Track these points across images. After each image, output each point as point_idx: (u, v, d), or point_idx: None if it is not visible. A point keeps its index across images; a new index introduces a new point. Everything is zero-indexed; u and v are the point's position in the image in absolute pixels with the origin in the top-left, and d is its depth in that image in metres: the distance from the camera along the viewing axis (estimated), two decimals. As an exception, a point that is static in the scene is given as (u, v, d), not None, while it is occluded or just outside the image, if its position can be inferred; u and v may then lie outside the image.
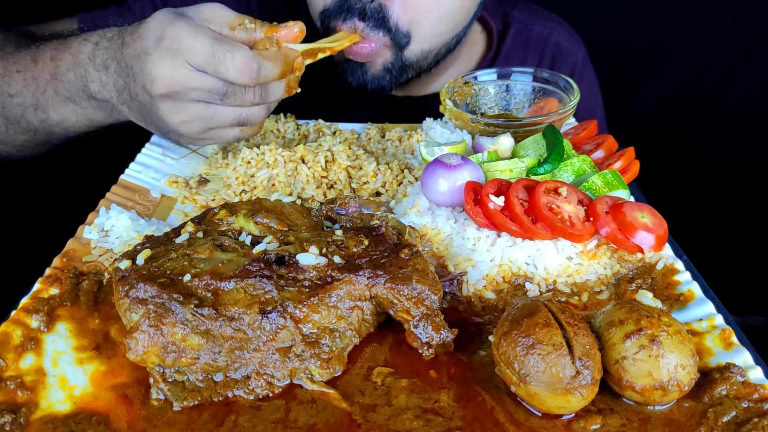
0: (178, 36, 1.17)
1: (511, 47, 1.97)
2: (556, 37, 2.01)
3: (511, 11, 2.01)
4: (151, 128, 1.35)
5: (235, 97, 1.24)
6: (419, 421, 0.84)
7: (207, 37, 1.18)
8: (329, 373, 0.91)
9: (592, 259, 1.11)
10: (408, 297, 0.95)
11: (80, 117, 1.39)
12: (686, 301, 1.03)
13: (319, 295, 0.92)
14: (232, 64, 1.18)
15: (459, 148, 1.32)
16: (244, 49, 1.20)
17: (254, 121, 1.32)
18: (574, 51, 2.03)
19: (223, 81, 1.21)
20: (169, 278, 0.93)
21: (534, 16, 2.03)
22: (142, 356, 0.88)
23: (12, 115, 1.42)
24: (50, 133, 1.45)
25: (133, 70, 1.24)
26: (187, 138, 1.33)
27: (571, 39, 2.05)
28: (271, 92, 1.29)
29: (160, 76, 1.19)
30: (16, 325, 0.97)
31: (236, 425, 0.84)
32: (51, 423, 0.84)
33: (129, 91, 1.27)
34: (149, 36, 1.20)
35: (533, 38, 2.00)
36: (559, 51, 2.01)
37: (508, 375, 0.84)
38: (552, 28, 2.01)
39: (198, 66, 1.19)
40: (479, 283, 1.09)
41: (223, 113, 1.27)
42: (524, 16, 2.01)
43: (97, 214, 1.24)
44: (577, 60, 2.03)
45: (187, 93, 1.22)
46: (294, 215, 1.14)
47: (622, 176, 1.22)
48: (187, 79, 1.19)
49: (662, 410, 0.85)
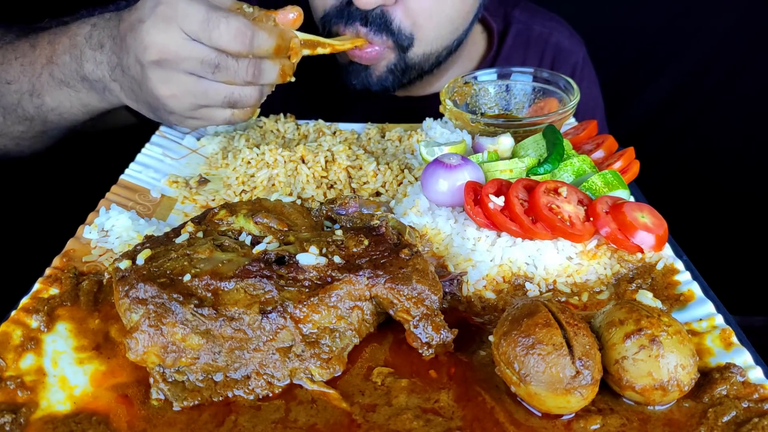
0: (174, 3, 1.19)
1: (512, 47, 1.98)
2: (557, 37, 2.01)
3: (511, 11, 2.01)
4: (142, 107, 1.35)
5: (228, 71, 1.24)
6: (419, 421, 0.84)
7: (203, 5, 1.19)
8: (329, 373, 0.91)
9: (592, 259, 1.11)
10: (408, 297, 0.95)
11: (74, 101, 1.40)
12: (686, 301, 1.03)
13: (319, 295, 0.92)
14: (226, 29, 1.18)
15: (459, 148, 1.32)
16: (239, 17, 1.21)
17: (246, 103, 1.31)
18: (575, 51, 2.04)
19: (216, 52, 1.21)
20: (169, 278, 0.93)
21: (535, 16, 2.03)
22: (142, 356, 0.88)
23: (9, 103, 1.43)
24: (46, 120, 1.45)
25: (126, 42, 1.24)
26: (177, 116, 1.33)
27: (572, 39, 2.05)
28: (264, 72, 1.28)
29: (152, 43, 1.20)
30: (16, 325, 0.97)
31: (236, 425, 0.84)
32: (51, 423, 0.84)
33: (122, 65, 1.28)
34: (145, 5, 1.22)
35: (534, 38, 2.00)
36: (559, 51, 2.01)
37: (508, 375, 0.84)
38: (552, 28, 2.02)
39: (192, 34, 1.19)
40: (479, 283, 1.09)
41: (215, 90, 1.27)
42: (525, 16, 2.01)
43: (97, 214, 1.24)
44: (578, 60, 2.04)
45: (178, 62, 1.22)
46: (294, 215, 1.14)
47: (622, 176, 1.22)
48: (179, 47, 1.20)
49: (662, 410, 0.85)
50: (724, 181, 2.72)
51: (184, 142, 1.54)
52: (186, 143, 1.54)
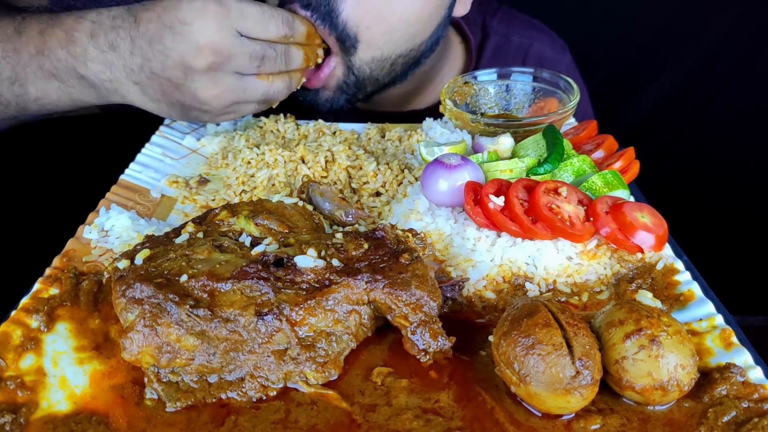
0: (226, 2, 1.22)
1: (491, 60, 1.91)
2: (537, 47, 1.95)
3: (489, 21, 1.94)
4: (167, 108, 1.35)
5: (269, 61, 1.30)
6: (419, 421, 0.84)
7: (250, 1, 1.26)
8: (324, 377, 0.90)
9: (592, 259, 1.11)
10: (406, 303, 0.94)
11: (63, 95, 1.37)
12: (686, 301, 1.03)
13: (316, 298, 0.92)
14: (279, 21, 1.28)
15: (459, 148, 1.32)
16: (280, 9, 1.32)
17: (278, 97, 1.40)
18: (558, 60, 1.97)
19: (261, 44, 1.27)
20: (166, 278, 0.93)
21: (513, 25, 1.95)
22: (136, 356, 0.88)
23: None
24: (24, 108, 1.41)
25: (163, 44, 1.23)
26: (211, 114, 1.36)
27: (554, 47, 1.98)
28: (292, 57, 1.35)
29: (206, 45, 1.21)
30: (16, 325, 0.97)
31: (236, 425, 0.84)
32: (51, 423, 0.84)
33: (150, 69, 1.26)
34: (184, 6, 1.21)
35: (512, 50, 1.93)
36: (540, 61, 1.94)
37: (508, 375, 0.84)
38: (532, 38, 1.95)
39: (246, 30, 1.24)
40: (479, 283, 1.09)
41: (254, 87, 1.33)
42: (503, 27, 1.94)
43: (97, 214, 1.24)
44: (561, 68, 1.94)
45: (229, 61, 1.25)
46: (295, 217, 1.14)
47: (622, 176, 1.22)
48: (232, 46, 1.24)
49: (662, 410, 0.85)
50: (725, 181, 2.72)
51: (184, 142, 1.54)
52: (186, 143, 1.54)
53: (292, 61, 1.36)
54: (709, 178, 2.74)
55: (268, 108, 1.46)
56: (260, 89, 1.34)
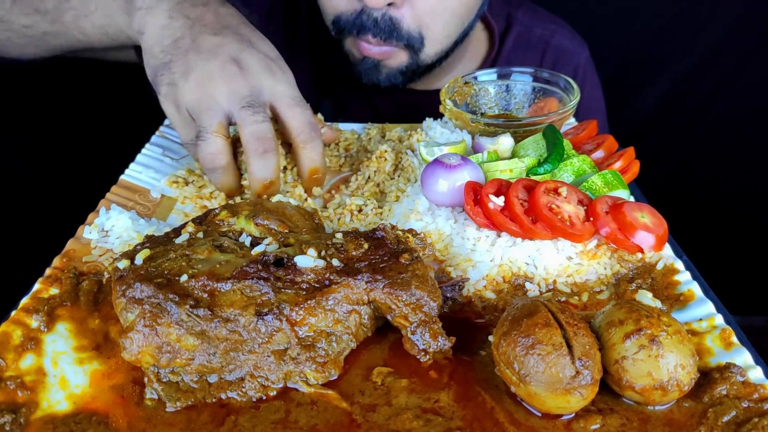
0: None
1: (513, 48, 1.99)
2: (558, 39, 2.02)
3: (514, 12, 2.03)
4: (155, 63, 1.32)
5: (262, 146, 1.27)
6: (419, 421, 0.84)
7: None
8: (324, 377, 0.90)
9: (592, 259, 1.11)
10: (406, 303, 0.94)
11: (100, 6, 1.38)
12: (686, 301, 1.03)
13: (316, 298, 0.92)
14: None
15: (459, 148, 1.32)
16: None
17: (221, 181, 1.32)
18: (577, 52, 2.04)
19: None
20: (166, 278, 0.93)
21: (536, 18, 2.04)
22: (136, 356, 0.88)
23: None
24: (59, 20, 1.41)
25: None
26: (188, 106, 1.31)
27: (574, 41, 2.05)
28: None
29: None
30: (16, 325, 0.97)
31: (236, 425, 0.84)
32: (51, 423, 0.84)
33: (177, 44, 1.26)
34: None
35: (534, 40, 2.01)
36: (561, 53, 2.02)
37: (508, 375, 0.84)
38: (554, 31, 2.03)
39: None
40: (479, 283, 1.09)
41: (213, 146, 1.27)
42: (527, 18, 2.03)
43: (97, 214, 1.24)
44: (579, 62, 2.03)
45: None
46: (296, 217, 1.14)
47: (622, 176, 1.22)
48: None
49: (662, 410, 0.85)
50: (725, 181, 2.72)
51: (184, 142, 1.54)
52: (186, 143, 1.53)
53: None
54: (709, 178, 2.74)
55: None
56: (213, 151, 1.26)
